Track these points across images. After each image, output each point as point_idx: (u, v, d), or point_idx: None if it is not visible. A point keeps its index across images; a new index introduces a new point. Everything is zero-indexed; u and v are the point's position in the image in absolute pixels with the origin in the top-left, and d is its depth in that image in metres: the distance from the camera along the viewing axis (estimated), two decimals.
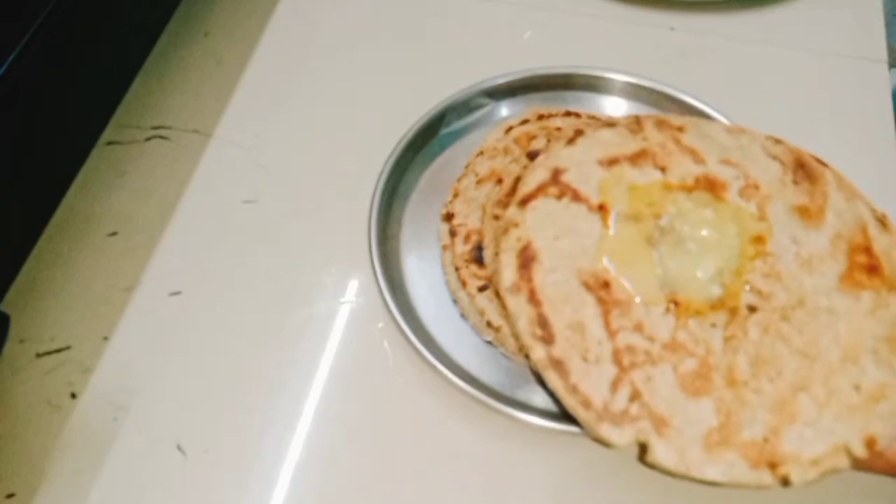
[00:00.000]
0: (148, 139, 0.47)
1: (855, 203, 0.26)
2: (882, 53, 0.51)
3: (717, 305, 0.24)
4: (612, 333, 0.24)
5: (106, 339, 0.39)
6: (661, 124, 0.28)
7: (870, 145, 0.46)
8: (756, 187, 0.27)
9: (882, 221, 0.26)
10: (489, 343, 0.38)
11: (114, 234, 0.43)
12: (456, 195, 0.42)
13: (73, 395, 0.38)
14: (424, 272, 0.41)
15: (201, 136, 0.47)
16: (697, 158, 0.27)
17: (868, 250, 0.25)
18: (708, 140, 0.28)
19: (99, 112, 0.45)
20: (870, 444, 0.22)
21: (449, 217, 0.41)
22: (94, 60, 0.42)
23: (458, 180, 0.43)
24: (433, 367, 0.36)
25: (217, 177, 0.45)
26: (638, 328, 0.24)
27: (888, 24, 0.54)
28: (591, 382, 0.24)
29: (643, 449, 0.23)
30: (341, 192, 0.44)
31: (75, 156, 0.43)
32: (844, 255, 0.25)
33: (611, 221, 0.26)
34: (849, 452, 0.22)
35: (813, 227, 0.25)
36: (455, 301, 0.39)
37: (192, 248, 0.43)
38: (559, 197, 0.27)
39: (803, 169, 0.27)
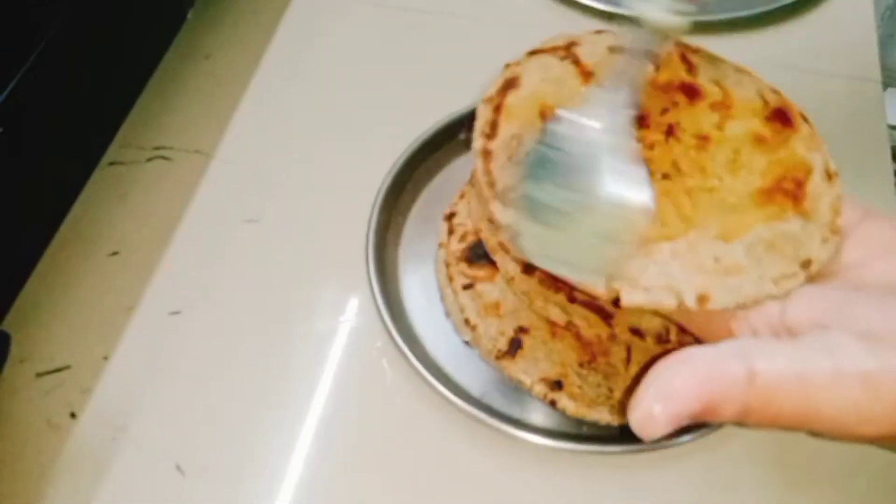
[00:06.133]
0: (150, 160, 0.47)
1: (812, 153, 0.28)
2: (876, 73, 0.51)
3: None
4: None
5: (106, 358, 0.39)
6: (679, 43, 0.31)
7: (865, 165, 0.46)
8: (728, 107, 0.29)
9: (829, 175, 0.27)
10: (466, 343, 0.38)
11: (115, 253, 0.43)
12: (462, 196, 0.42)
13: (73, 415, 0.38)
14: (422, 287, 0.41)
15: (202, 157, 0.47)
16: (691, 70, 0.30)
17: (800, 184, 0.27)
18: (712, 65, 0.30)
19: (101, 133, 0.45)
20: (702, 300, 0.24)
21: (451, 216, 0.42)
22: (97, 83, 0.43)
23: (468, 184, 0.43)
24: (431, 386, 0.36)
25: (218, 197, 0.46)
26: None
27: (883, 45, 0.54)
28: (503, 172, 0.27)
29: (515, 235, 0.26)
30: (342, 211, 0.44)
31: (78, 176, 0.43)
32: (775, 178, 0.27)
33: (589, 83, 0.30)
34: (679, 297, 0.24)
35: (758, 151, 0.27)
36: (442, 298, 0.40)
37: (192, 268, 0.43)
38: (563, 58, 0.31)
39: (782, 114, 0.29)
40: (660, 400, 0.20)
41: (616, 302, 0.24)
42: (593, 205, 0.24)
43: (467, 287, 0.39)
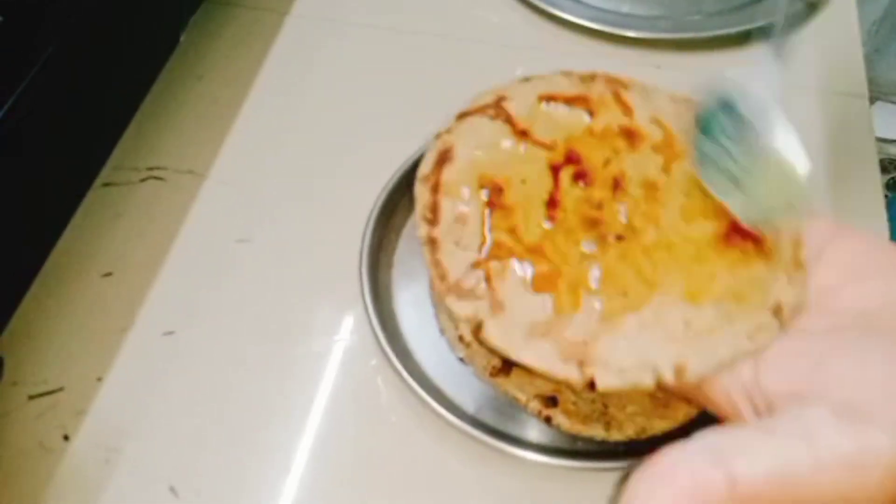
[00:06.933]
0: (143, 180, 0.48)
1: None
2: (863, 88, 0.52)
3: (590, 227, 0.26)
4: (487, 230, 0.27)
5: (99, 380, 0.39)
6: (610, 80, 0.31)
7: (854, 178, 0.47)
8: (670, 146, 0.28)
9: None
10: (461, 360, 0.38)
11: (108, 274, 0.43)
12: None
13: (66, 438, 0.38)
14: (416, 305, 0.41)
15: (196, 177, 0.47)
16: (627, 112, 0.29)
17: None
18: (647, 100, 0.30)
19: (95, 155, 0.45)
20: (679, 372, 0.23)
21: None
22: (90, 104, 0.43)
23: None
24: (426, 404, 0.36)
25: (211, 217, 0.46)
26: (511, 231, 0.26)
27: (869, 59, 0.55)
28: (453, 261, 0.26)
29: (478, 326, 0.25)
30: (335, 230, 0.44)
31: (72, 198, 0.43)
32: (729, 219, 0.26)
33: (525, 144, 0.29)
34: (656, 372, 0.23)
35: (707, 194, 0.27)
36: (436, 316, 0.40)
37: (186, 288, 0.43)
38: (494, 118, 0.30)
39: None
40: None
41: (591, 386, 0.23)
42: (763, 159, 0.26)
43: None
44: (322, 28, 0.56)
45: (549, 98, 0.30)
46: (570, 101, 0.30)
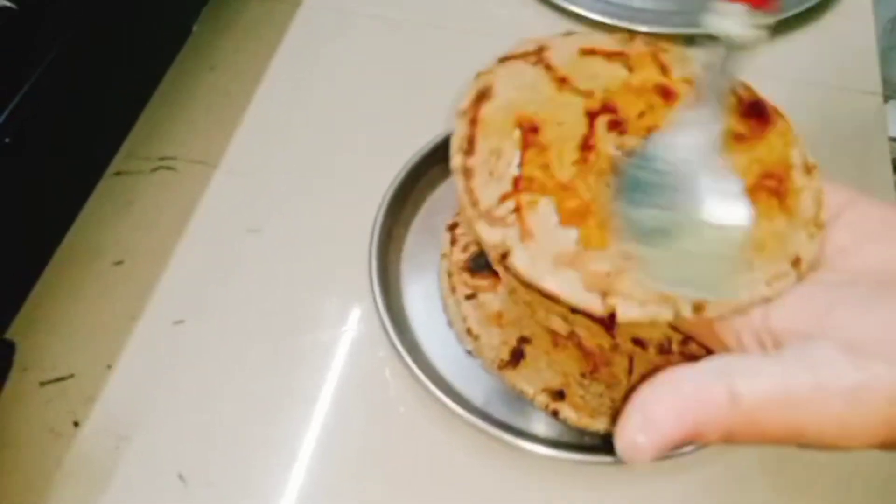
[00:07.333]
0: (154, 170, 0.48)
1: (789, 148, 0.28)
2: (877, 86, 0.52)
3: (619, 172, 0.27)
4: (521, 164, 0.27)
5: (109, 367, 0.40)
6: (650, 41, 0.31)
7: (866, 177, 0.47)
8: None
9: (808, 169, 0.27)
10: (469, 353, 0.38)
11: (119, 263, 0.44)
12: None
13: (76, 424, 0.38)
14: (425, 297, 0.41)
15: (207, 167, 0.48)
16: (664, 71, 0.30)
17: (782, 180, 0.27)
18: (682, 64, 0.31)
19: (107, 144, 0.45)
20: (698, 308, 0.24)
21: (453, 227, 0.42)
22: (103, 94, 0.43)
23: None
24: (434, 396, 0.36)
25: (222, 207, 0.46)
26: (544, 167, 0.27)
27: (884, 58, 0.55)
28: (486, 190, 0.27)
29: (506, 253, 0.25)
30: (345, 221, 0.44)
31: (83, 187, 0.43)
32: (756, 175, 0.27)
33: (564, 90, 0.29)
34: (676, 306, 0.24)
35: (739, 150, 0.27)
36: (444, 308, 0.40)
37: (196, 278, 0.43)
38: (534, 64, 0.31)
39: (756, 108, 0.29)
40: (643, 429, 0.21)
41: (612, 318, 0.24)
42: (694, 224, 0.24)
43: (470, 297, 0.39)
44: (333, 19, 0.56)
45: (590, 51, 0.31)
46: (609, 56, 0.30)
